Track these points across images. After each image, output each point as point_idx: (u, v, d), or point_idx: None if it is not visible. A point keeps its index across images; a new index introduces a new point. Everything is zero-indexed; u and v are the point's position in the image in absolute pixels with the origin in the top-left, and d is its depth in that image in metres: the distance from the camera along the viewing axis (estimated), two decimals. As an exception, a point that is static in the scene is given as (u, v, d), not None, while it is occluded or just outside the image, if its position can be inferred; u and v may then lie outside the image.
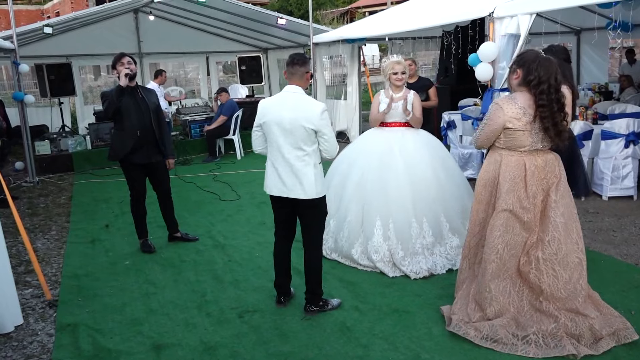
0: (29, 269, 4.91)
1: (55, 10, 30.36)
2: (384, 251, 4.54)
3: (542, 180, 3.43)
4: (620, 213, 5.86)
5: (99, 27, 11.45)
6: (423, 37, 10.29)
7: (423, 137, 4.90)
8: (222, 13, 10.88)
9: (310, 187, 3.67)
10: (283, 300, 4.06)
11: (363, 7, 36.16)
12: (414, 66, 6.69)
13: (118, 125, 5.07)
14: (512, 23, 5.55)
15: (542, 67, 3.29)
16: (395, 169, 4.61)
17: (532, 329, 3.34)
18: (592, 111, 7.13)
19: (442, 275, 4.44)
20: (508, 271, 3.49)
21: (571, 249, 3.42)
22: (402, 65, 4.79)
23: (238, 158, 9.86)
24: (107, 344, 3.62)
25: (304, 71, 3.73)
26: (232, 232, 5.83)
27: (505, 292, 3.49)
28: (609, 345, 3.28)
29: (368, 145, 4.88)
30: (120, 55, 5.02)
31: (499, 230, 3.44)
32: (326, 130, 3.64)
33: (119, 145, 5.07)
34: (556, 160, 3.49)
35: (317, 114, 3.59)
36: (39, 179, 8.43)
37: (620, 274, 4.39)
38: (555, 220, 3.39)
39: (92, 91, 19.63)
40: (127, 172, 5.18)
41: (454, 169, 4.95)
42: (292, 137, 3.64)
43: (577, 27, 10.53)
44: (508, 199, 3.42)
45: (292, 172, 3.68)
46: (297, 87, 3.72)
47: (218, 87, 11.56)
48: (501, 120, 3.41)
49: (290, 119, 3.61)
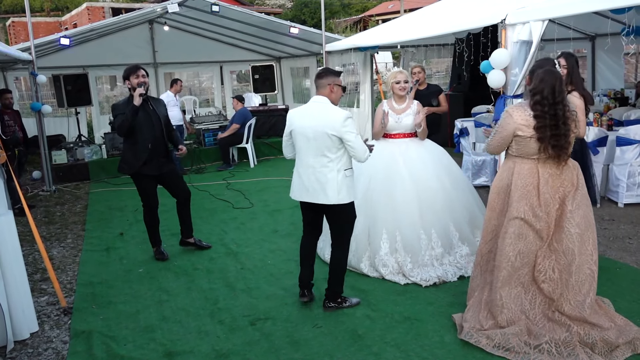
0: (44, 276, 4.98)
1: (73, 21, 30.85)
2: (392, 264, 4.53)
3: (558, 188, 3.40)
4: (636, 220, 5.78)
5: (115, 38, 11.64)
6: (435, 45, 10.29)
7: (427, 147, 4.90)
8: (236, 23, 10.98)
9: (333, 193, 3.77)
10: (306, 293, 4.14)
11: (376, 15, 36.27)
12: (422, 74, 6.70)
13: (130, 139, 5.04)
14: (524, 30, 5.52)
15: (538, 78, 3.31)
16: (401, 181, 4.62)
17: (545, 338, 3.30)
18: (607, 117, 7.06)
19: (453, 282, 4.42)
20: (520, 278, 3.46)
21: (584, 260, 3.38)
22: (405, 74, 4.83)
23: (251, 166, 9.92)
24: (120, 351, 3.66)
25: (325, 83, 3.87)
26: (244, 239, 5.86)
27: (518, 300, 3.46)
28: (624, 354, 3.24)
29: (372, 158, 4.85)
30: (135, 67, 4.98)
31: (510, 238, 3.43)
32: (350, 136, 3.72)
33: (131, 159, 5.06)
34: (574, 169, 3.46)
35: (339, 121, 3.71)
36: (56, 188, 8.56)
37: (636, 282, 4.33)
38: (570, 231, 3.36)
39: (108, 101, 19.89)
40: (139, 184, 5.18)
41: (459, 176, 4.93)
42: (315, 145, 3.78)
43: (592, 33, 10.45)
44: (520, 206, 3.40)
45: (316, 178, 3.81)
46: (322, 97, 3.87)
47: (232, 96, 11.64)
48: (511, 127, 3.41)
49: (313, 127, 3.76)
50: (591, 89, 10.17)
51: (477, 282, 3.74)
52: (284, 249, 5.42)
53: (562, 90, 3.33)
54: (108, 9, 29.78)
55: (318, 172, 3.81)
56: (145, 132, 5.01)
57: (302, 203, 4.02)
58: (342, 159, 3.81)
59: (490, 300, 3.54)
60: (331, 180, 3.77)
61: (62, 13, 35.13)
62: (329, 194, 3.78)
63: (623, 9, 4.91)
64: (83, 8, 29.86)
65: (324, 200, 3.80)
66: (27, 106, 11.90)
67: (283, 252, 5.34)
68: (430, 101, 6.67)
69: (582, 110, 4.19)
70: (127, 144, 5.12)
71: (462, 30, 6.99)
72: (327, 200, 3.79)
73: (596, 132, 6.48)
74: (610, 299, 3.94)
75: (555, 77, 3.32)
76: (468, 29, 6.90)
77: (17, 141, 7.15)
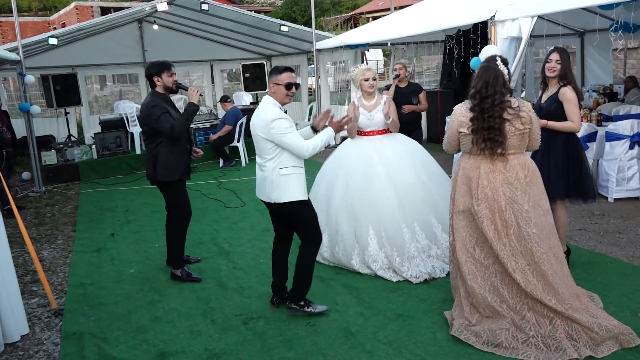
0: (35, 278, 4.94)
1: (61, 21, 30.60)
2: (381, 259, 4.55)
3: (502, 184, 3.41)
4: (626, 215, 5.83)
5: (103, 38, 11.56)
6: (425, 42, 10.31)
7: (401, 142, 4.92)
8: (226, 21, 10.95)
9: (273, 191, 3.75)
10: (275, 301, 4.11)
11: (366, 13, 36.27)
12: (404, 70, 6.70)
13: (172, 142, 4.53)
14: (514, 26, 5.56)
15: (476, 74, 3.44)
16: (378, 178, 4.63)
17: (532, 332, 3.31)
18: (596, 113, 7.10)
19: (445, 278, 4.42)
20: (490, 268, 3.48)
21: (546, 260, 3.36)
22: (372, 71, 4.85)
23: (243, 165, 9.89)
24: (112, 352, 3.63)
25: (269, 82, 3.86)
26: (236, 239, 5.84)
27: (495, 290, 3.46)
28: (610, 349, 3.23)
29: (348, 157, 4.88)
30: (168, 64, 4.55)
31: (464, 232, 3.53)
32: (281, 139, 3.65)
33: (175, 164, 4.57)
34: (524, 168, 3.44)
35: (266, 123, 3.66)
36: (46, 189, 8.50)
37: (626, 276, 4.36)
38: (527, 231, 3.36)
39: (97, 101, 19.82)
40: (179, 191, 4.70)
41: (435, 169, 4.96)
42: (257, 144, 3.82)
43: (581, 29, 10.51)
44: (464, 200, 3.50)
45: (263, 176, 3.82)
46: (268, 97, 3.86)
47: (222, 95, 11.61)
48: (455, 124, 3.53)
49: (253, 128, 3.79)
50: (580, 84, 10.21)
51: (456, 278, 3.73)
52: (276, 248, 5.41)
53: (496, 85, 3.36)
54: (97, 8, 29.55)
55: (262, 171, 3.81)
56: (184, 134, 4.64)
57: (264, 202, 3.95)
58: (279, 158, 3.73)
59: (467, 295, 3.57)
60: (267, 178, 3.76)
61: (50, 13, 34.84)
62: (267, 192, 3.78)
63: (611, 4, 4.95)
64: (71, 7, 29.62)
65: (265, 198, 3.83)
66: (16, 107, 11.80)
67: (275, 251, 5.33)
68: (411, 99, 6.68)
69: (576, 104, 4.22)
70: (165, 147, 4.52)
71: (451, 27, 7.02)
72: (269, 199, 3.80)
73: (585, 127, 6.51)
74: (600, 293, 3.97)
75: (490, 73, 3.39)
76: (458, 26, 6.94)
77: (5, 142, 7.08)
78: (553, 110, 4.29)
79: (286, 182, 3.74)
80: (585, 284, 4.17)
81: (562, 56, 4.25)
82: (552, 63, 4.27)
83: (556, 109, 4.27)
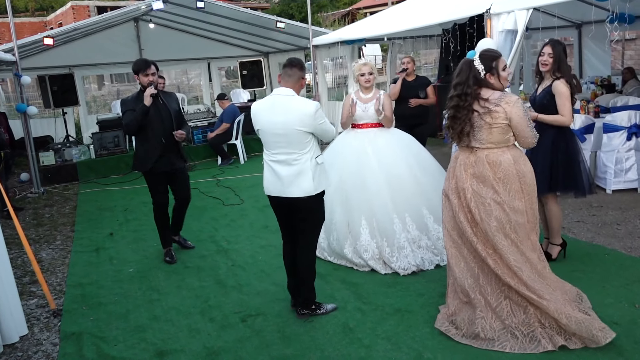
0: (33, 279, 4.94)
1: (58, 21, 30.53)
2: (372, 249, 4.60)
3: (471, 176, 3.42)
4: (624, 206, 5.82)
5: (100, 37, 11.52)
6: (422, 36, 10.29)
7: (394, 135, 4.96)
8: (223, 19, 10.91)
9: (311, 181, 3.60)
10: (295, 303, 4.00)
11: (364, 8, 36.17)
12: (412, 64, 6.71)
13: (142, 136, 4.91)
14: (509, 19, 5.53)
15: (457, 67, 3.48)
16: (371, 169, 4.68)
17: (507, 322, 3.33)
18: (593, 104, 7.08)
19: (439, 272, 4.42)
20: (469, 255, 3.49)
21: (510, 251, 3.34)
22: (369, 66, 4.88)
23: (241, 162, 9.89)
24: (111, 352, 3.64)
25: (301, 76, 3.69)
26: (235, 236, 5.84)
27: (474, 275, 3.47)
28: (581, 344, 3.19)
29: (343, 148, 4.94)
30: (145, 63, 4.79)
31: (445, 214, 3.61)
32: (323, 127, 3.61)
33: (144, 156, 4.92)
34: (493, 165, 3.37)
35: (310, 115, 3.53)
36: (44, 190, 8.50)
37: (624, 267, 4.35)
38: (488, 224, 3.34)
39: (95, 101, 19.79)
40: (151, 181, 5.03)
41: (429, 161, 4.99)
42: (288, 140, 3.59)
43: (578, 21, 10.47)
44: (446, 184, 3.60)
45: (296, 171, 3.62)
46: (289, 90, 3.64)
47: (220, 92, 11.59)
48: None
49: (284, 124, 3.56)
50: (578, 76, 10.19)
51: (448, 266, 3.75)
52: (274, 245, 5.40)
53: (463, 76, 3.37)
54: (93, 8, 29.48)
55: (291, 165, 3.62)
56: (156, 128, 4.84)
57: (272, 200, 3.83)
58: (313, 148, 3.66)
59: (453, 280, 3.58)
60: (304, 170, 3.61)
61: (47, 13, 34.78)
62: (301, 185, 3.61)
63: (606, -4, 4.93)
64: (68, 7, 29.54)
65: (298, 192, 3.63)
66: (14, 108, 11.78)
67: (274, 248, 5.33)
68: (418, 93, 6.68)
69: (568, 98, 4.20)
70: (138, 141, 5.03)
71: (448, 20, 7.02)
72: (302, 192, 3.62)
73: (583, 119, 6.50)
74: (598, 284, 3.98)
75: (461, 67, 3.40)
76: (454, 19, 6.92)
77: (4, 144, 7.07)
78: (546, 103, 4.28)
79: (321, 169, 3.71)
80: (583, 275, 4.18)
81: (555, 49, 4.22)
82: (545, 57, 4.26)
83: (549, 102, 4.26)
